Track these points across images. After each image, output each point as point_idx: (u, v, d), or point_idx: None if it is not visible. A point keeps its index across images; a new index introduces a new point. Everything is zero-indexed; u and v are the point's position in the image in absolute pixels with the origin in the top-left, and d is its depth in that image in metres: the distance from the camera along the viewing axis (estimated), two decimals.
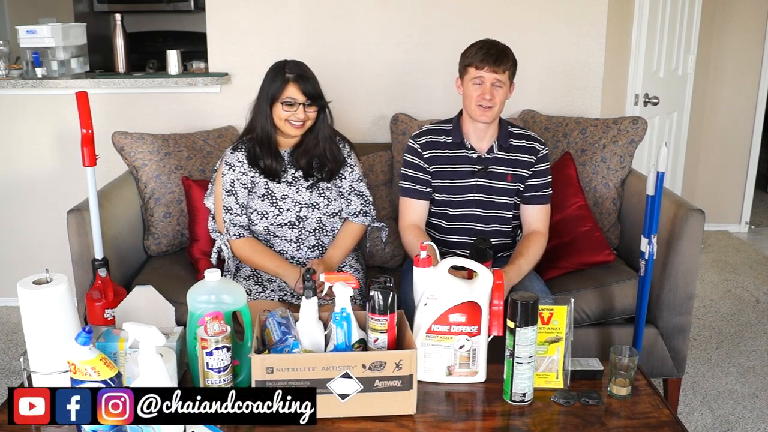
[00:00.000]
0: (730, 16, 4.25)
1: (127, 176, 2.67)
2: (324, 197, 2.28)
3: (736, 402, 2.63)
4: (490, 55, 2.15)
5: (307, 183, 2.28)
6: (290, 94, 2.16)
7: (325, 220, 2.29)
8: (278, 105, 2.17)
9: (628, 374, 1.66)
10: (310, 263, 2.20)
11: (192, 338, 1.63)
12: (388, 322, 1.63)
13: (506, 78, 2.17)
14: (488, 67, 2.15)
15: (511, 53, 2.20)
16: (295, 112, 2.17)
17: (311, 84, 2.18)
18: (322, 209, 2.28)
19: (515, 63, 2.21)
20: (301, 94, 2.16)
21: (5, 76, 3.13)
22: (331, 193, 2.30)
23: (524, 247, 2.22)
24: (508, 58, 2.18)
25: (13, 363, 2.89)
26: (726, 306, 3.46)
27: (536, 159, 2.29)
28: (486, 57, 2.15)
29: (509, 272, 2.09)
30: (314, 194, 2.28)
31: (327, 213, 2.29)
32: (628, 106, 3.42)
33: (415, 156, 2.31)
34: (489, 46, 2.18)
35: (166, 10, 5.21)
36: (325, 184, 2.30)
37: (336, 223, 2.33)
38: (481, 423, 1.63)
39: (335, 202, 2.30)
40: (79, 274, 2.28)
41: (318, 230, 2.29)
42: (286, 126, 2.20)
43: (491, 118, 2.20)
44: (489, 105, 2.17)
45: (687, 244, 2.25)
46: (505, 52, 2.18)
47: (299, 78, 2.16)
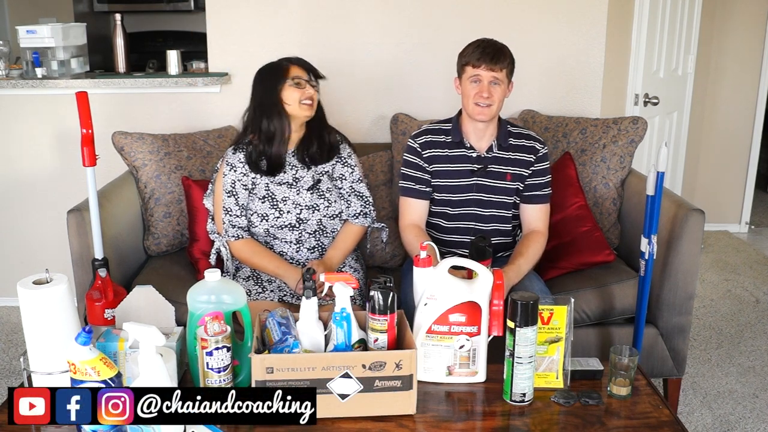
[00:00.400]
0: (730, 15, 4.24)
1: (127, 176, 2.67)
2: (324, 199, 2.28)
3: (736, 402, 2.63)
4: (487, 54, 2.15)
5: (307, 184, 2.28)
6: (295, 74, 2.22)
7: (325, 222, 2.29)
8: (287, 90, 2.20)
9: (628, 374, 1.66)
10: (310, 263, 2.20)
11: (192, 338, 1.63)
12: (388, 322, 1.63)
13: (504, 76, 2.17)
14: (485, 65, 2.15)
15: (508, 51, 2.19)
16: (305, 90, 2.21)
17: (305, 61, 2.27)
18: (322, 211, 2.28)
19: (513, 61, 2.20)
20: (304, 72, 2.23)
21: (5, 76, 3.13)
22: (331, 195, 2.30)
23: (524, 247, 2.22)
24: (505, 56, 2.17)
25: (13, 363, 2.89)
26: (726, 306, 3.46)
27: (536, 158, 2.29)
28: (483, 55, 2.15)
29: (509, 272, 2.09)
30: (315, 196, 2.28)
31: (327, 215, 2.29)
32: (628, 106, 3.42)
33: (415, 155, 2.31)
34: (486, 44, 2.18)
35: (166, 10, 5.21)
36: (326, 186, 2.30)
37: (336, 224, 2.33)
38: (481, 423, 1.63)
39: (335, 204, 2.30)
40: (79, 274, 2.28)
41: (318, 232, 2.29)
42: (299, 109, 2.21)
43: (489, 116, 2.20)
44: (487, 103, 2.17)
45: (687, 244, 2.25)
46: (502, 50, 2.18)
47: (296, 60, 2.26)
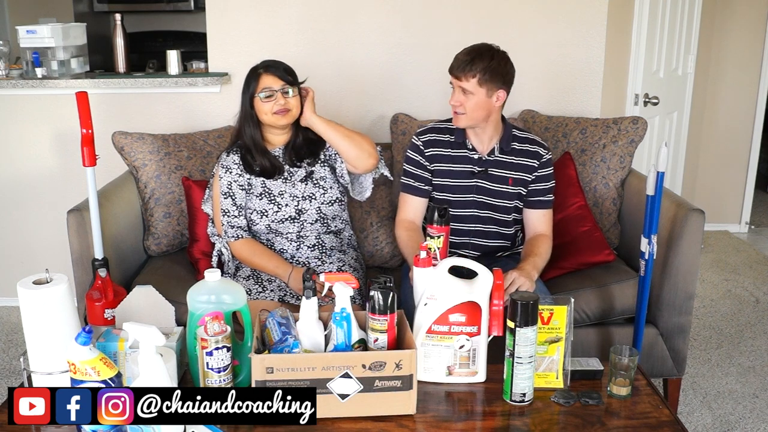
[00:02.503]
0: (730, 15, 4.24)
1: (127, 176, 2.67)
2: (319, 187, 2.29)
3: (736, 402, 2.63)
4: (458, 62, 2.12)
5: (300, 176, 2.28)
6: (265, 84, 2.18)
7: (324, 209, 2.30)
8: (258, 102, 2.19)
9: (628, 374, 1.66)
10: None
11: (192, 338, 1.63)
12: (388, 322, 1.63)
13: (473, 86, 2.10)
14: (453, 74, 2.14)
15: (486, 60, 2.09)
16: (276, 100, 2.18)
17: (282, 68, 2.21)
18: (319, 198, 2.29)
19: (493, 70, 2.09)
20: (275, 80, 2.18)
21: (5, 76, 3.13)
22: (326, 182, 2.30)
23: (534, 247, 2.20)
24: (476, 66, 2.08)
25: (13, 363, 2.89)
26: (726, 306, 3.46)
27: (539, 164, 2.27)
28: (455, 63, 2.14)
29: (526, 266, 2.07)
30: (309, 185, 2.28)
31: (325, 201, 2.30)
32: (628, 106, 3.42)
33: (417, 153, 2.31)
34: (467, 52, 2.13)
35: (166, 10, 5.22)
36: (320, 174, 2.30)
37: (336, 210, 2.33)
38: (481, 423, 1.63)
39: (331, 190, 2.31)
40: (79, 274, 2.28)
41: (319, 221, 2.29)
42: (273, 119, 2.20)
43: (464, 123, 2.19)
44: (460, 111, 2.16)
45: (687, 244, 2.25)
46: (474, 61, 2.08)
47: (268, 67, 2.20)
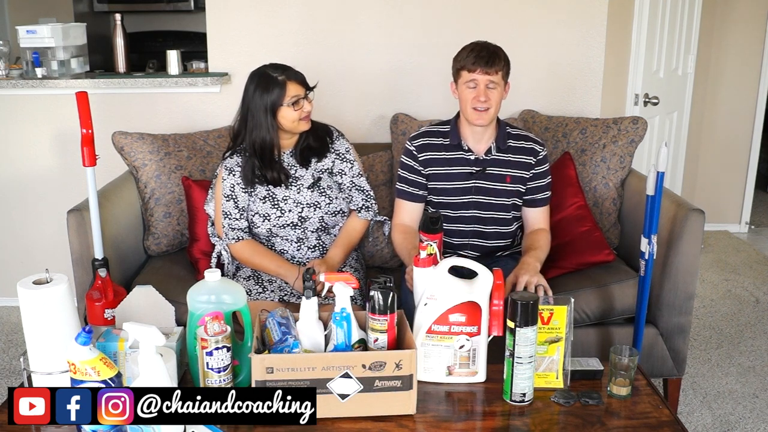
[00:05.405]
0: (730, 15, 4.24)
1: (127, 176, 2.67)
2: (325, 196, 2.28)
3: (736, 402, 2.63)
4: (482, 57, 2.13)
5: (308, 183, 2.28)
6: (293, 93, 2.15)
7: (327, 219, 2.29)
8: (285, 109, 2.15)
9: (628, 374, 1.66)
10: (311, 263, 2.19)
11: (192, 338, 1.63)
12: (388, 322, 1.63)
13: (499, 78, 2.16)
14: (480, 69, 2.13)
15: (502, 53, 2.18)
16: (303, 107, 2.17)
17: (297, 73, 2.19)
18: (324, 208, 2.28)
19: (508, 62, 2.19)
20: (299, 87, 2.17)
21: (5, 76, 3.13)
22: (332, 192, 2.30)
23: (534, 241, 2.23)
24: (500, 58, 2.16)
25: (13, 363, 2.89)
26: (726, 306, 3.46)
27: (536, 161, 2.28)
28: (477, 59, 2.13)
29: (528, 259, 2.10)
30: (315, 193, 2.27)
31: (329, 211, 2.29)
32: (628, 106, 3.42)
33: (411, 158, 2.30)
34: (480, 47, 2.16)
35: (166, 10, 5.21)
36: (327, 183, 2.29)
37: (339, 221, 2.33)
38: (481, 423, 1.63)
39: (336, 201, 2.30)
40: (79, 274, 2.28)
41: (320, 229, 2.29)
42: (299, 125, 2.19)
43: (488, 120, 2.19)
44: (485, 107, 2.16)
45: (687, 244, 2.25)
46: (496, 53, 2.16)
47: (291, 74, 2.17)
